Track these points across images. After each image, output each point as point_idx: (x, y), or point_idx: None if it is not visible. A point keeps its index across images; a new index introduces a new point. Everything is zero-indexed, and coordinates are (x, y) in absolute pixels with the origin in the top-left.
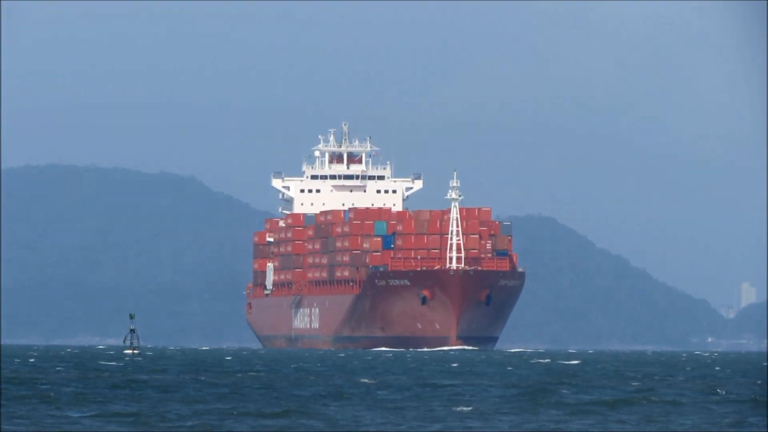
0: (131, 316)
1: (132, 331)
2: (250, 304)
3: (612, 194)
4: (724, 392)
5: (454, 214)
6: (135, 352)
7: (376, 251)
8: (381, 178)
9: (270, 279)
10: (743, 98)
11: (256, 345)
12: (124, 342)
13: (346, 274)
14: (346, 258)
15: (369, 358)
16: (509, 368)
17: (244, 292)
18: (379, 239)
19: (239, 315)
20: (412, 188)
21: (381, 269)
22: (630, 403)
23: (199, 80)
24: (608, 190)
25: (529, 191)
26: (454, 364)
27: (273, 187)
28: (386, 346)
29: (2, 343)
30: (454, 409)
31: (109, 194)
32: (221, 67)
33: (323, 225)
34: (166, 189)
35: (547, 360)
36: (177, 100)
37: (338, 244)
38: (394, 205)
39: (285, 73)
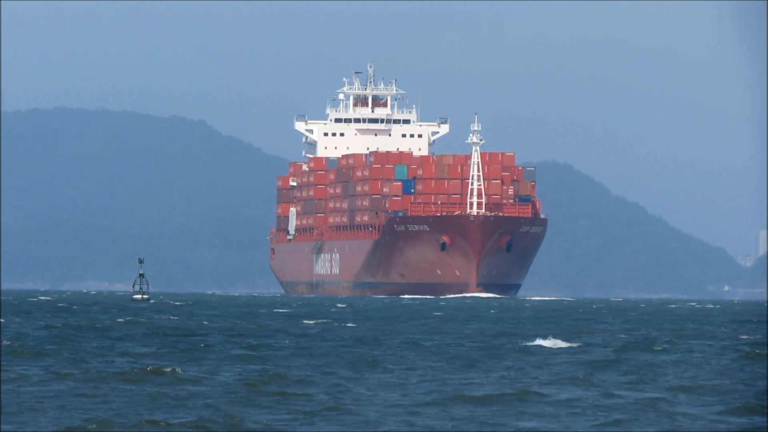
0: (140, 261)
1: (141, 275)
2: (273, 249)
3: (628, 141)
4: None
5: (475, 158)
6: (144, 297)
7: (396, 196)
8: (406, 122)
9: (292, 224)
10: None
11: (277, 290)
12: (133, 287)
13: (366, 218)
14: (366, 202)
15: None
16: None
17: (268, 237)
18: (399, 183)
19: (250, 261)
20: (438, 133)
21: (400, 214)
22: None
23: (213, 22)
24: (624, 137)
25: (546, 137)
26: None
27: (296, 130)
28: (405, 293)
29: (11, 288)
30: None
31: (118, 138)
32: (238, 9)
33: (344, 169)
34: (175, 133)
35: None
36: (188, 42)
37: (358, 189)
38: (419, 149)
39: (307, 13)
